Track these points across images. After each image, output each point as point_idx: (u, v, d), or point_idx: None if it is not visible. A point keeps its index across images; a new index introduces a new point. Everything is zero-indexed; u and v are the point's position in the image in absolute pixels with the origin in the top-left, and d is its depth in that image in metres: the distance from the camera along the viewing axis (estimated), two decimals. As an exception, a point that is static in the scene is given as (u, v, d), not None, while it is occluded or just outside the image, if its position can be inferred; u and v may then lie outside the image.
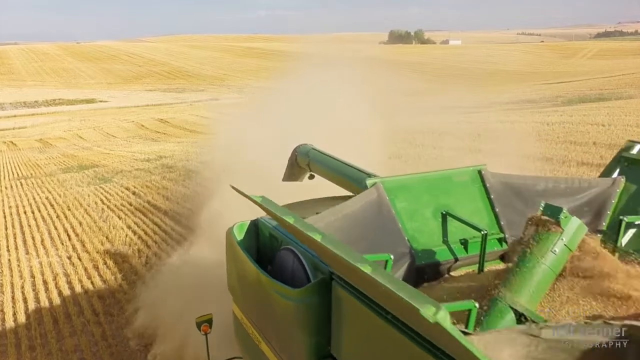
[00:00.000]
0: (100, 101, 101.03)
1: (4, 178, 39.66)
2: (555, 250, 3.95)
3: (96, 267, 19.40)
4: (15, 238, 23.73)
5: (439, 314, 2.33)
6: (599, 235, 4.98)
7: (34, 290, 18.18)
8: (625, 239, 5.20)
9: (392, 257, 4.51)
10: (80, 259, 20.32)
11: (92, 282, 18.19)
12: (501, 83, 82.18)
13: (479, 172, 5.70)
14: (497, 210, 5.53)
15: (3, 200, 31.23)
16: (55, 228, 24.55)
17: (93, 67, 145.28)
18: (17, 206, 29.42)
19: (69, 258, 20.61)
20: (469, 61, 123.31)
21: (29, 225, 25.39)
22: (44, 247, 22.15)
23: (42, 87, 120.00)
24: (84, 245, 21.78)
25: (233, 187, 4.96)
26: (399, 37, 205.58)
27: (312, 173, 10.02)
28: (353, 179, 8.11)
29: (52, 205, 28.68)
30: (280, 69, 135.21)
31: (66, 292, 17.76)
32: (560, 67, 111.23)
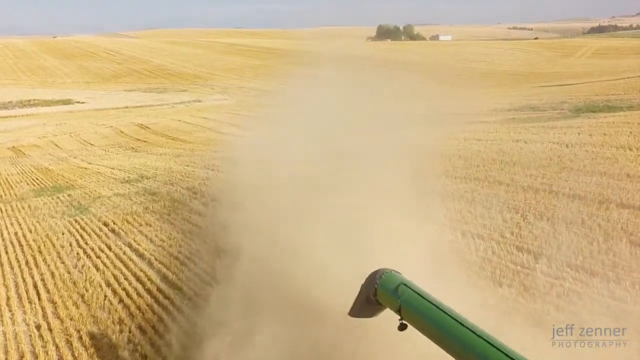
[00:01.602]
0: (77, 102, 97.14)
1: (-29, 202, 36.31)
2: None
3: (69, 344, 16.43)
4: (-23, 293, 20.62)
5: None
6: None
7: (-6, 379, 15.20)
8: None
9: None
10: (51, 330, 17.32)
11: (64, 369, 15.23)
12: (499, 84, 79.65)
13: None
14: None
15: (-33, 237, 28.00)
16: (24, 280, 21.46)
17: (70, 65, 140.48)
18: (-19, 246, 26.22)
19: (38, 328, 17.58)
20: (464, 60, 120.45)
21: (-6, 275, 22.25)
22: (10, 309, 19.08)
23: (17, 86, 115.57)
24: (56, 309, 18.76)
25: None
26: (387, 32, 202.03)
27: (405, 322, 7.07)
28: None
29: (21, 245, 25.51)
30: (265, 68, 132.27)
31: (32, 383, 14.80)
32: (559, 67, 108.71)
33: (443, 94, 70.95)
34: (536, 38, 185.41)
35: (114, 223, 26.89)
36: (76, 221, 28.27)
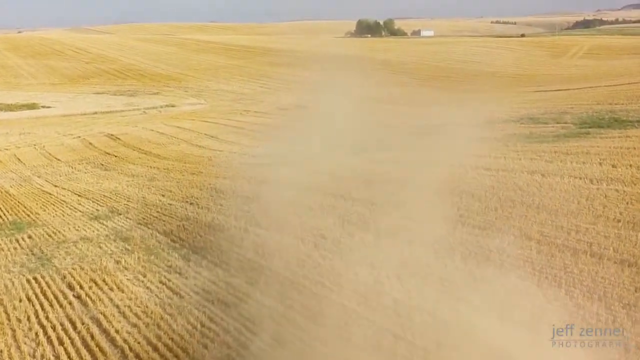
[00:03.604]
0: (43, 107, 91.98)
1: None
2: None
3: None
4: None
5: None
6: None
7: None
8: None
9: None
10: None
11: None
12: (490, 88, 76.36)
13: None
14: None
15: None
16: (-33, 378, 17.70)
17: (35, 64, 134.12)
18: None
19: None
20: (450, 60, 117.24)
21: None
22: None
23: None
24: None
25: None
26: (367, 28, 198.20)
27: None
28: None
29: (-32, 319, 21.57)
30: (241, 69, 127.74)
31: None
32: (551, 68, 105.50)
33: (434, 100, 67.93)
34: (522, 35, 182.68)
35: (80, 285, 23.09)
36: (36, 280, 24.36)
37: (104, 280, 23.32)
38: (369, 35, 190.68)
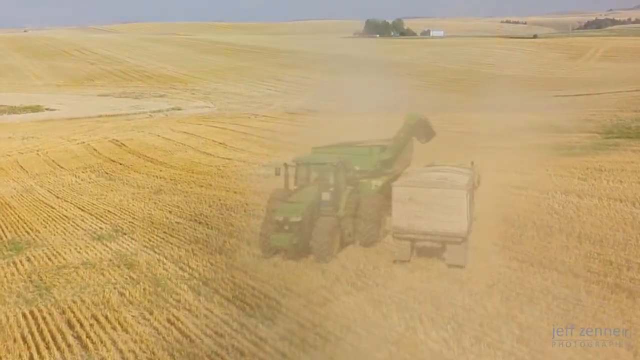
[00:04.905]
0: (47, 109, 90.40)
1: None
2: None
3: None
4: None
5: None
6: None
7: None
8: None
9: None
10: None
11: None
12: (505, 92, 74.15)
13: None
14: None
15: None
16: None
17: (41, 65, 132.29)
18: None
19: None
20: (462, 61, 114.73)
21: None
22: None
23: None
24: None
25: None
26: (376, 27, 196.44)
27: None
28: None
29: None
30: (249, 70, 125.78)
31: None
32: (568, 72, 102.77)
33: (448, 105, 65.71)
34: (535, 36, 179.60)
35: (80, 323, 21.15)
36: (33, 315, 22.43)
37: (106, 317, 21.37)
38: (378, 36, 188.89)
